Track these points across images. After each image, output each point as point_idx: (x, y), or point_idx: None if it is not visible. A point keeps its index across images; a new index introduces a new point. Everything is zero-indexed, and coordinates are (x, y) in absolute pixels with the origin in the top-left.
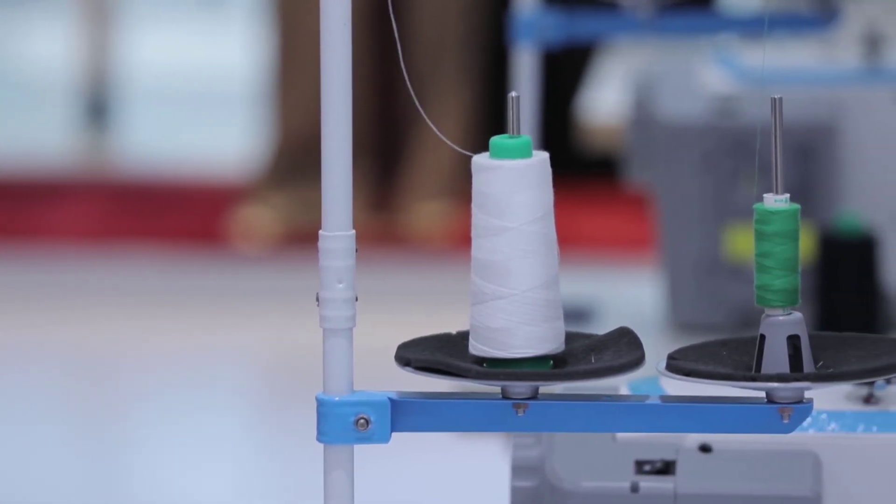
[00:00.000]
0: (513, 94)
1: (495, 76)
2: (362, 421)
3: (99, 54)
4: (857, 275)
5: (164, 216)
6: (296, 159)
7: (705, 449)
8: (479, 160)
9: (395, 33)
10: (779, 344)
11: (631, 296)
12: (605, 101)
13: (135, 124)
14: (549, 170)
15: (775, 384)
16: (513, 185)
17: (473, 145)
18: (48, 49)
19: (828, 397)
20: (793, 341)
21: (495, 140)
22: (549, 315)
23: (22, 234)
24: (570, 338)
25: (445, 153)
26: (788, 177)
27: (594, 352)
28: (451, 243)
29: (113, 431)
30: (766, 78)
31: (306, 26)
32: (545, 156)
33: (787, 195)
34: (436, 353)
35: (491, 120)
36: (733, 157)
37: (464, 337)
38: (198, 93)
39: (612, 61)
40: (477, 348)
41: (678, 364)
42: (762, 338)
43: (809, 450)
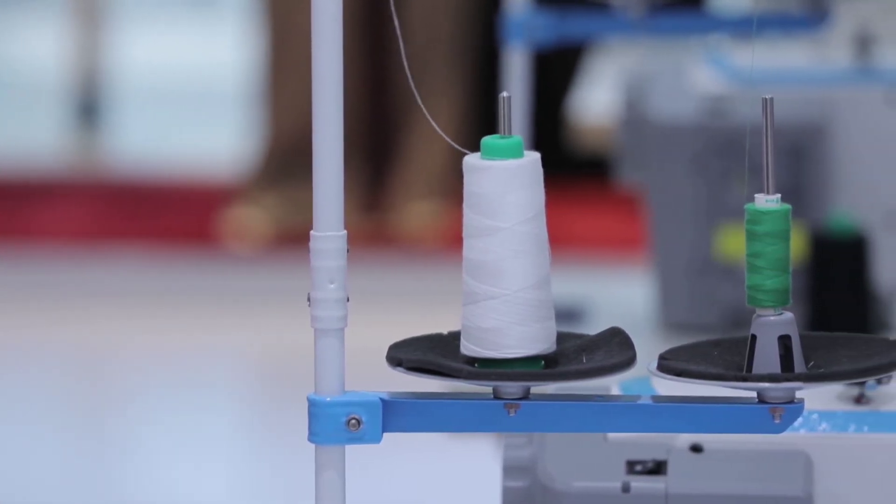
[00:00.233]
0: (504, 95)
1: (486, 76)
2: (354, 421)
3: (90, 55)
4: (849, 275)
5: (156, 216)
6: (287, 159)
7: (696, 449)
8: (471, 160)
9: (398, 31)
10: (770, 344)
11: (622, 296)
12: (596, 101)
13: (126, 125)
14: (540, 170)
15: (766, 384)
16: (504, 185)
17: (465, 145)
18: (39, 49)
19: (819, 397)
20: (784, 341)
21: (487, 140)
22: (540, 315)
23: (13, 235)
24: (561, 338)
25: (437, 153)
26: (779, 177)
27: (586, 352)
28: (442, 243)
29: (105, 431)
30: (757, 78)
31: (297, 26)
32: (536, 156)
33: (779, 195)
34: (427, 354)
35: (482, 120)
36: (724, 157)
37: (455, 337)
38: (189, 93)
39: (603, 61)
40: (468, 348)
41: (669, 364)
42: (753, 338)
43: (801, 450)
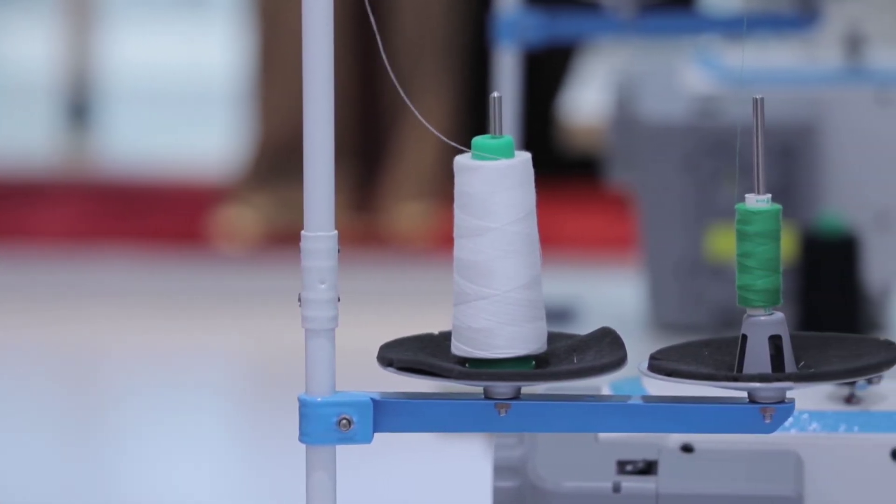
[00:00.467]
0: (495, 95)
1: (477, 76)
2: (344, 421)
3: (81, 55)
4: (839, 275)
5: (146, 216)
6: (277, 160)
7: (687, 449)
8: (462, 160)
9: (377, 36)
10: (760, 344)
11: (613, 296)
12: (586, 101)
13: (116, 125)
14: (531, 170)
15: (757, 384)
16: (495, 185)
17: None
18: (30, 50)
19: (809, 397)
20: (774, 341)
21: (477, 140)
22: (531, 315)
23: (3, 235)
24: (552, 338)
25: (427, 153)
26: (770, 177)
27: (576, 352)
28: (433, 244)
29: (95, 432)
30: (747, 78)
31: (287, 26)
32: (527, 156)
33: (769, 195)
34: (418, 354)
35: (473, 120)
36: (715, 157)
37: (446, 337)
38: (179, 93)
39: (593, 61)
40: (459, 348)
41: (660, 364)
42: (744, 338)
43: (791, 450)
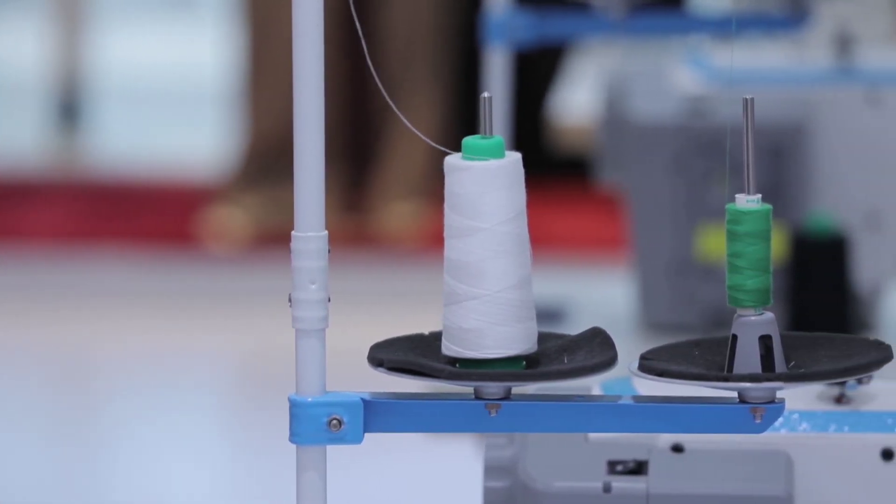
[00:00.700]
0: (485, 95)
1: (467, 77)
2: (335, 422)
3: (70, 55)
4: (829, 275)
5: (136, 217)
6: (267, 160)
7: (677, 449)
8: (452, 161)
9: (363, 41)
10: (751, 344)
11: (603, 296)
12: (576, 101)
13: (106, 125)
14: (521, 170)
15: (747, 384)
16: (485, 185)
17: (446, 146)
18: (20, 50)
19: (799, 397)
20: (765, 341)
21: (468, 140)
22: (521, 315)
23: None
24: (542, 338)
25: (417, 154)
26: (760, 177)
27: (567, 352)
28: (423, 244)
29: (85, 432)
30: (737, 78)
31: (278, 27)
32: (518, 156)
33: (759, 195)
34: (408, 354)
35: (463, 120)
36: (705, 157)
37: (437, 337)
38: (169, 93)
39: (583, 62)
40: (450, 349)
41: (650, 364)
42: (734, 338)
43: (781, 450)
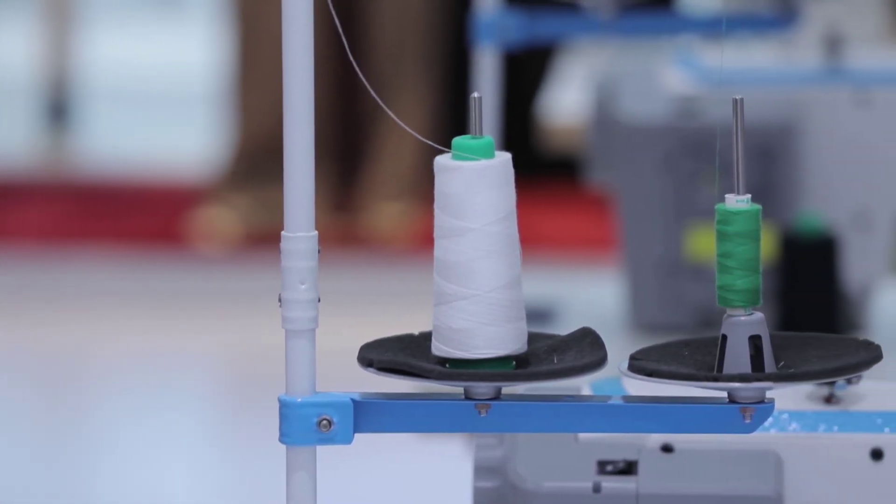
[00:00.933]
0: (475, 95)
1: (456, 77)
2: (325, 422)
3: (59, 55)
4: (818, 275)
5: (125, 217)
6: (257, 160)
7: (667, 449)
8: (442, 161)
9: (346, 44)
10: (740, 344)
11: (593, 296)
12: (566, 101)
13: (95, 125)
14: (511, 170)
15: (737, 384)
16: (475, 185)
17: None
18: (9, 50)
19: (789, 397)
20: (754, 341)
21: (458, 140)
22: (511, 316)
23: None
24: (532, 338)
25: (407, 154)
26: (749, 177)
27: (557, 352)
28: (412, 244)
29: (74, 433)
30: (726, 79)
31: (267, 26)
32: (507, 156)
33: (749, 195)
34: (398, 354)
35: (453, 121)
36: (694, 157)
37: (426, 338)
38: (158, 93)
39: (573, 62)
40: (439, 349)
41: (640, 364)
42: (724, 338)
43: (771, 449)
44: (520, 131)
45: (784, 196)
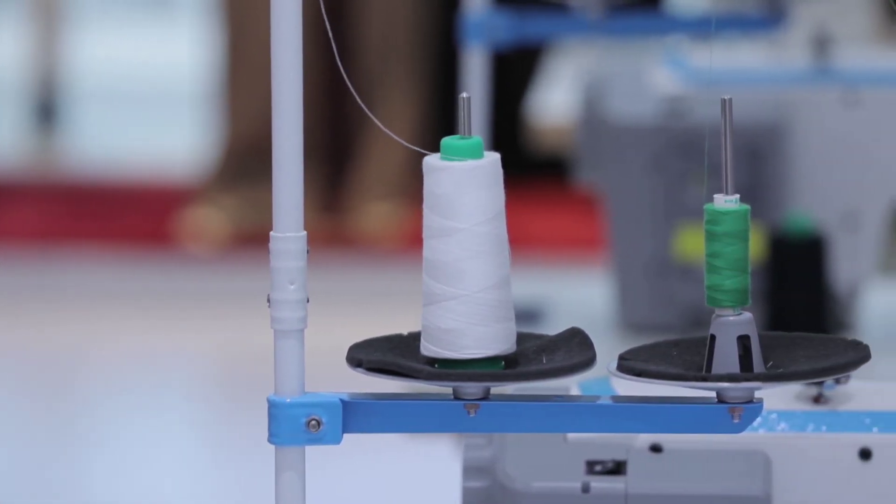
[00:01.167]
0: (464, 95)
1: (445, 77)
2: (314, 422)
3: (48, 56)
4: (807, 275)
5: (114, 217)
6: (245, 160)
7: (656, 449)
8: (431, 161)
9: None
10: (729, 344)
11: (581, 296)
12: (554, 101)
13: (84, 126)
14: (500, 170)
15: (726, 384)
16: (464, 185)
17: (424, 146)
18: None
19: (778, 397)
20: (743, 341)
21: (446, 141)
22: (500, 316)
23: None
24: (521, 338)
25: (395, 154)
26: (738, 177)
27: (545, 352)
28: (401, 244)
29: (63, 433)
30: (715, 79)
31: (255, 27)
32: (496, 156)
33: (737, 196)
34: (387, 354)
35: (441, 121)
36: (683, 157)
37: (415, 338)
38: (147, 94)
39: (561, 62)
40: (428, 349)
41: (629, 364)
42: (712, 338)
43: (759, 449)
44: (508, 131)
45: (772, 196)
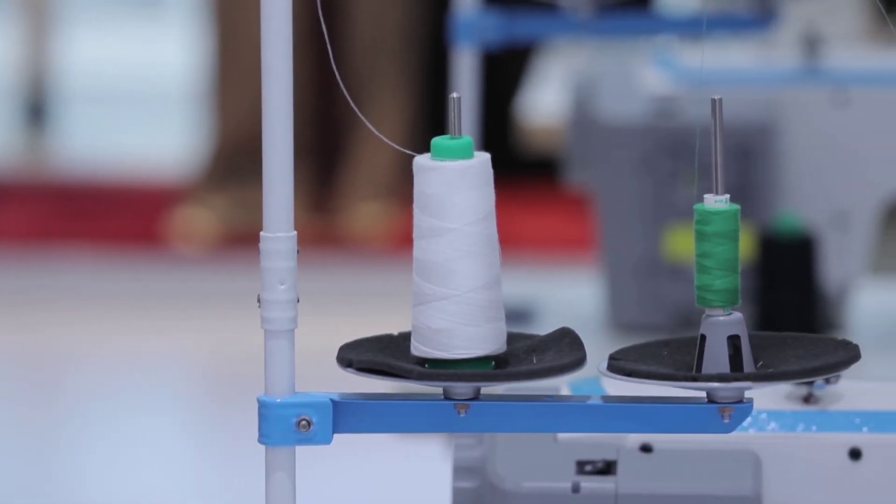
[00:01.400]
0: (454, 95)
1: (435, 77)
2: (304, 422)
3: (37, 56)
4: (797, 275)
5: (103, 218)
6: (235, 161)
7: (646, 449)
8: (421, 161)
9: (328, 45)
10: (719, 344)
11: (572, 296)
12: (544, 101)
13: (73, 126)
14: (490, 170)
15: (716, 384)
16: (454, 185)
17: (414, 147)
18: None
19: (768, 397)
20: (733, 341)
21: (437, 141)
22: (490, 316)
23: None
24: (511, 338)
25: (385, 154)
26: (728, 177)
27: (536, 352)
28: (391, 244)
29: (52, 434)
30: (705, 79)
31: (245, 27)
32: (486, 156)
33: (727, 196)
34: (378, 355)
35: (431, 121)
36: (673, 157)
37: (406, 338)
38: (136, 94)
39: (551, 62)
40: (419, 349)
41: (619, 364)
42: (703, 338)
43: (749, 449)
44: (499, 131)
45: (762, 196)
